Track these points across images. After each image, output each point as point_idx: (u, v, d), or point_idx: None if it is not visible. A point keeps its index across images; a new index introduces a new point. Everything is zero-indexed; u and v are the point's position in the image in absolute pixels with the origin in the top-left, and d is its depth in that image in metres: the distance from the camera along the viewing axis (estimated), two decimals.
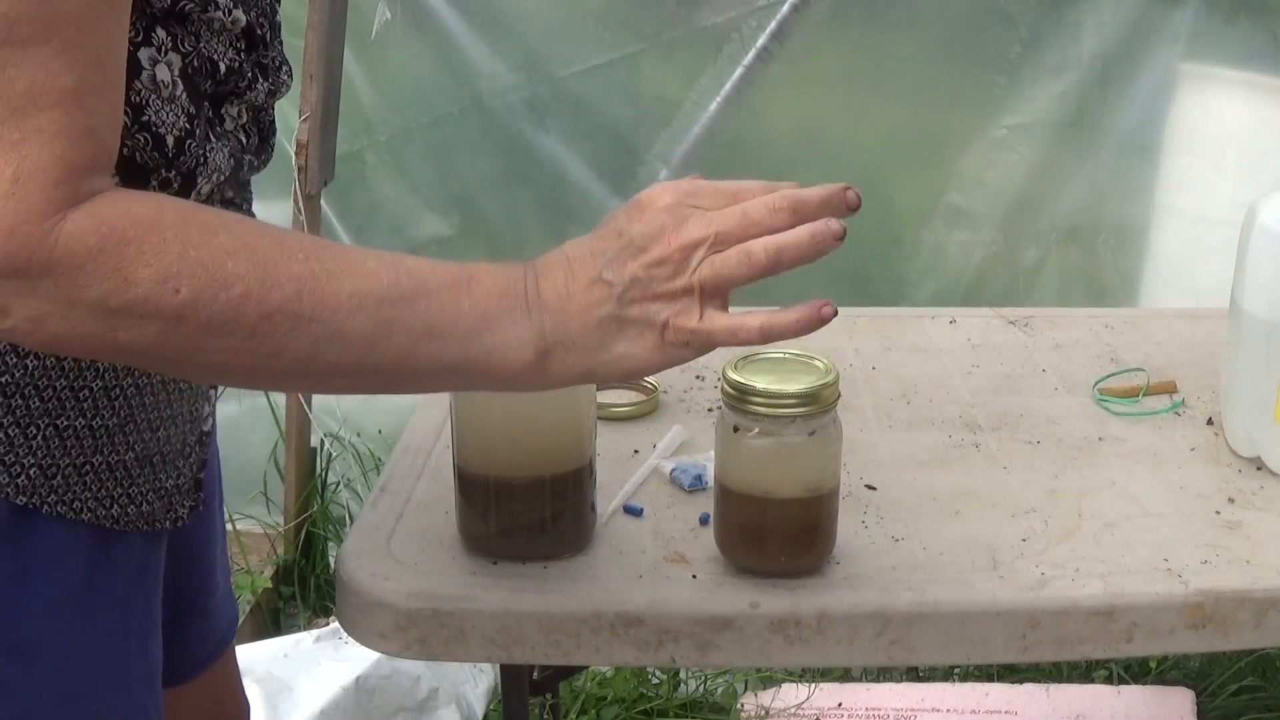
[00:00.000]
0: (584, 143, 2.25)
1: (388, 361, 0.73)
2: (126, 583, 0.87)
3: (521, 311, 0.75)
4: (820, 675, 2.10)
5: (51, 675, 0.82)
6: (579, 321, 0.75)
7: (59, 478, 0.80)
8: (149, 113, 0.77)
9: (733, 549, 0.93)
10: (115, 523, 0.84)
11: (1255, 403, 1.08)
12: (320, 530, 2.34)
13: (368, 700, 1.87)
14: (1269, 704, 2.01)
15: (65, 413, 0.80)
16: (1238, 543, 0.97)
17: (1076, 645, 0.90)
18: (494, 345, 0.75)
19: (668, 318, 0.76)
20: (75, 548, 0.82)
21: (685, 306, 0.76)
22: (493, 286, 0.75)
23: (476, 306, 0.74)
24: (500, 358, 0.75)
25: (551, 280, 0.76)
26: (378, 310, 0.72)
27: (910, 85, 2.27)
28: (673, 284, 0.75)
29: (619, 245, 0.76)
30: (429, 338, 0.73)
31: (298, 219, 2.23)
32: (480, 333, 0.74)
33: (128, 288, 0.67)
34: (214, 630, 1.12)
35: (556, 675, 1.35)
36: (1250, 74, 2.12)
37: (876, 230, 2.38)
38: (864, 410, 1.21)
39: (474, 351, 0.74)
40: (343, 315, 0.71)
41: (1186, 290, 2.16)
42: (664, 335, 0.76)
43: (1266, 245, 1.07)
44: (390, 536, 0.97)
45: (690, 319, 0.76)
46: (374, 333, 0.72)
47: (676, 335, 0.76)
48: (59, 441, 0.80)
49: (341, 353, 0.72)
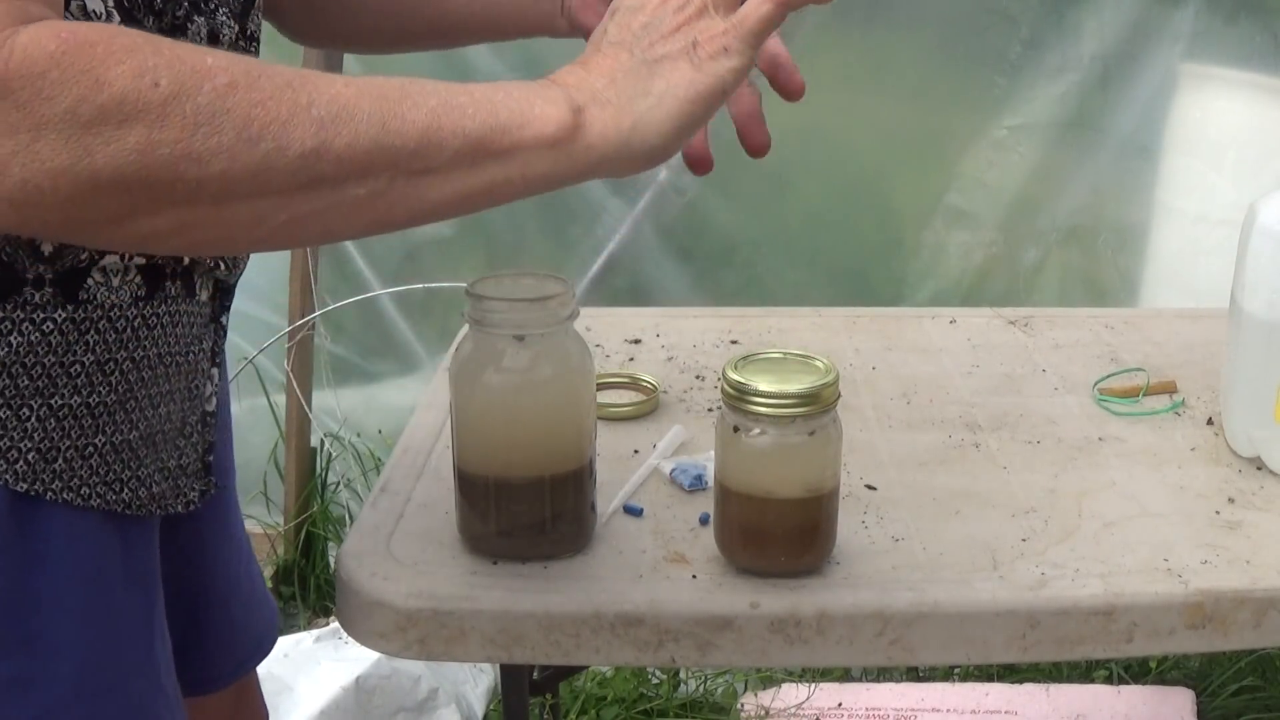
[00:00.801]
0: None
1: (409, 140, 0.67)
2: (145, 570, 0.86)
3: (544, 87, 0.72)
4: (820, 675, 2.10)
5: (75, 669, 0.80)
6: (606, 80, 0.73)
7: (60, 461, 0.79)
8: None
9: (733, 549, 0.93)
10: (127, 507, 0.82)
11: (1255, 403, 1.08)
12: (320, 530, 2.34)
13: (368, 700, 1.88)
14: (1269, 704, 2.01)
15: (58, 391, 0.78)
16: (1238, 543, 0.97)
17: (1076, 645, 0.90)
18: (523, 108, 0.70)
19: (694, 38, 0.73)
20: (87, 535, 0.81)
21: (706, 23, 0.74)
22: (518, 84, 0.72)
23: (494, 87, 0.71)
24: (534, 119, 0.70)
25: (568, 70, 0.75)
26: (382, 91, 0.67)
27: (911, 86, 2.27)
28: (684, 12, 0.74)
29: (617, 19, 0.75)
30: (449, 110, 0.68)
31: None
32: (506, 100, 0.70)
33: (100, 89, 0.60)
34: (243, 640, 1.10)
35: (556, 675, 1.36)
36: (1250, 74, 2.12)
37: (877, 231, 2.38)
38: (864, 410, 1.21)
39: (503, 116, 0.70)
40: (344, 99, 0.66)
41: (1186, 290, 2.16)
42: (698, 55, 0.73)
43: (1266, 245, 1.07)
44: (390, 536, 0.97)
45: (715, 27, 0.74)
46: (384, 110, 0.67)
47: (710, 47, 0.73)
48: (55, 422, 0.78)
49: (353, 135, 0.65)
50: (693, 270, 2.35)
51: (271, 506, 2.39)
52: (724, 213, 2.34)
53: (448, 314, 2.40)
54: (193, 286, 0.87)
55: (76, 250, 0.77)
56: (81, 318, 0.78)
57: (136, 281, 0.82)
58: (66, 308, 0.77)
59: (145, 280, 0.82)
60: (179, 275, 0.85)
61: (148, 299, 0.83)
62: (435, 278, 2.38)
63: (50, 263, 0.76)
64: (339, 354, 2.50)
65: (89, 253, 0.78)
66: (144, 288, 0.82)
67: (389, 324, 2.47)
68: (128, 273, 0.81)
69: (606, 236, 2.34)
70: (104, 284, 0.79)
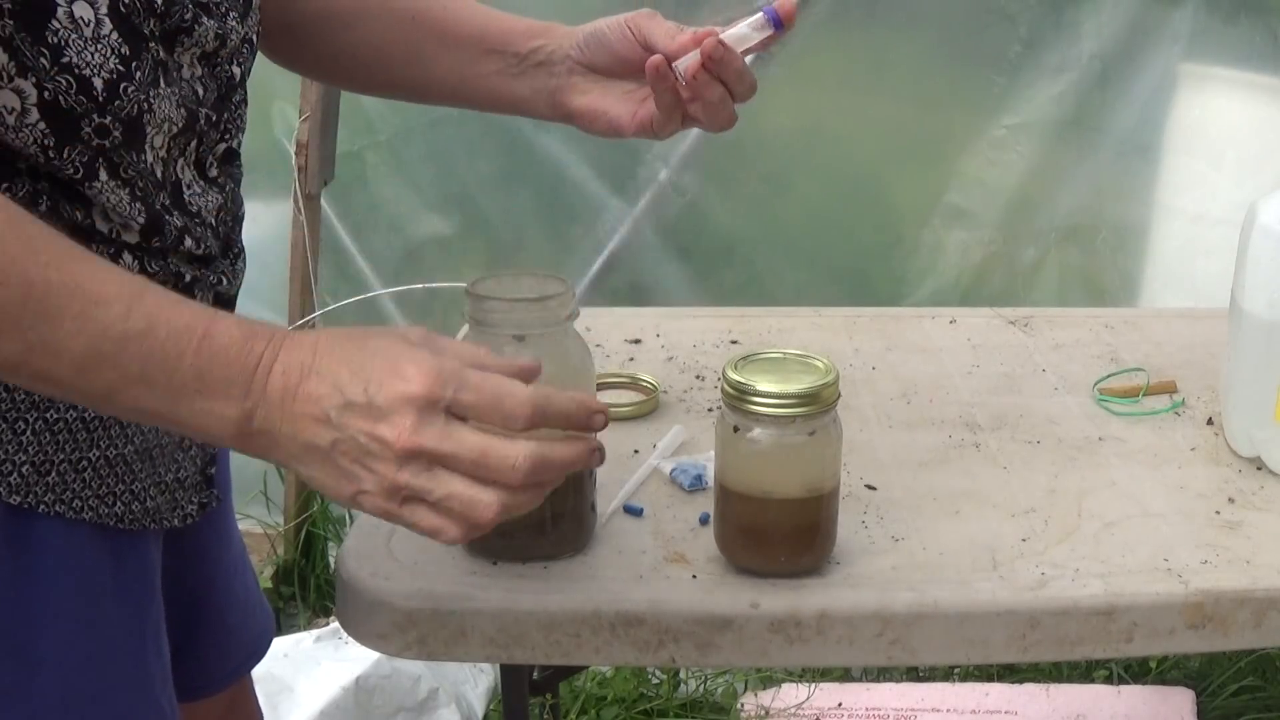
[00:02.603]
0: (584, 143, 2.25)
1: (96, 391, 0.70)
2: (139, 583, 0.86)
3: (240, 388, 0.71)
4: (820, 675, 2.10)
5: (62, 680, 0.80)
6: (289, 429, 0.72)
7: (54, 475, 0.79)
8: (69, 53, 0.74)
9: (733, 549, 0.93)
10: (120, 521, 0.83)
11: (1255, 403, 1.08)
12: (320, 530, 2.34)
13: (368, 700, 1.88)
14: (1269, 704, 2.01)
15: (53, 404, 0.78)
16: (1238, 543, 0.97)
17: (1076, 645, 0.90)
18: (199, 411, 0.71)
19: (367, 490, 0.72)
20: (80, 548, 0.81)
21: (387, 492, 0.72)
22: (228, 345, 0.71)
23: (197, 365, 0.70)
24: (202, 425, 0.72)
25: (287, 370, 0.72)
26: (98, 339, 0.69)
27: (910, 85, 2.27)
28: (383, 469, 0.71)
29: (361, 399, 0.71)
30: (139, 382, 0.70)
31: (298, 219, 2.23)
32: (191, 394, 0.71)
33: None
34: (238, 647, 1.10)
35: (556, 675, 1.36)
36: (1250, 74, 2.12)
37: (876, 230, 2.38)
38: (864, 410, 1.21)
39: (180, 411, 0.71)
40: (63, 334, 0.68)
41: (1186, 290, 2.16)
42: (357, 497, 0.73)
43: (1266, 245, 1.07)
44: (390, 536, 0.97)
45: (388, 504, 0.73)
46: (87, 360, 0.69)
47: (369, 504, 0.73)
48: (50, 436, 0.78)
49: (52, 367, 0.69)
50: (693, 270, 2.35)
51: (271, 506, 2.39)
52: (724, 213, 2.34)
53: (448, 314, 2.40)
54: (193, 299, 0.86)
55: None
56: None
57: None
58: None
59: None
60: (179, 289, 0.84)
61: None
62: (435, 278, 2.38)
63: None
64: None
65: None
66: None
67: (389, 324, 2.47)
68: None
69: (606, 236, 2.34)
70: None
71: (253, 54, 0.91)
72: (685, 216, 2.33)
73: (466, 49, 1.05)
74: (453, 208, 2.40)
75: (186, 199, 0.85)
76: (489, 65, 1.04)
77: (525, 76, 1.04)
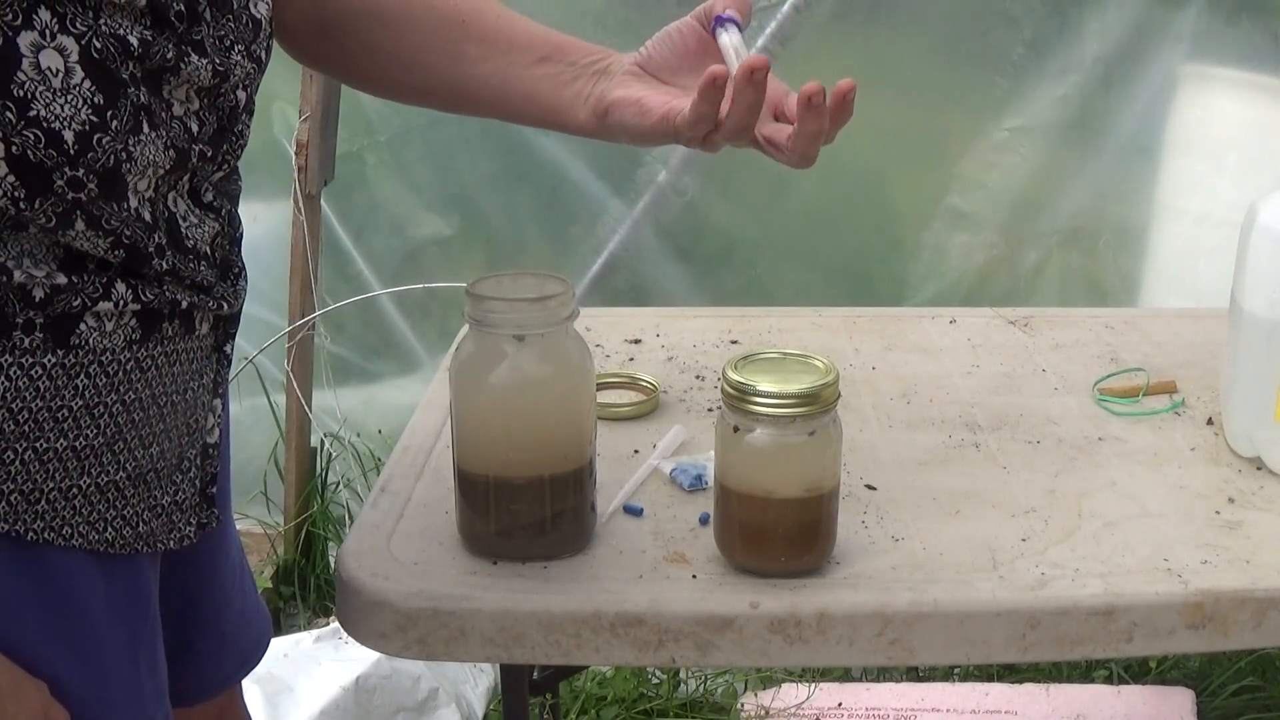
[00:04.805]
0: (584, 143, 2.25)
1: None
2: (132, 604, 0.85)
3: None
4: (820, 675, 2.10)
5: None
6: None
7: (43, 503, 0.77)
8: (37, 106, 0.70)
9: (733, 549, 0.93)
10: (110, 546, 0.81)
11: (1255, 403, 1.08)
12: (320, 530, 2.34)
13: (368, 700, 1.88)
14: (1269, 704, 2.01)
15: (44, 434, 0.76)
16: (1238, 543, 0.97)
17: (1076, 645, 0.90)
18: None
19: None
20: (69, 573, 0.79)
21: None
22: None
23: None
24: None
25: None
26: None
27: (912, 86, 2.27)
28: None
29: None
30: None
31: (298, 219, 2.23)
32: None
33: None
34: (232, 652, 1.09)
35: (556, 675, 1.36)
36: (1251, 74, 2.12)
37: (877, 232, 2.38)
38: (864, 410, 1.21)
39: None
40: None
41: (1187, 290, 2.16)
42: None
43: (1266, 245, 1.07)
44: (390, 536, 0.97)
45: None
46: None
47: None
48: (39, 465, 0.76)
49: None
50: (693, 270, 2.35)
51: (271, 506, 2.39)
52: (724, 213, 2.34)
53: (448, 314, 2.40)
54: (192, 323, 0.85)
55: (69, 296, 0.75)
56: (72, 363, 0.76)
57: (131, 325, 0.79)
58: (57, 353, 0.75)
59: (141, 324, 0.80)
60: (177, 315, 0.83)
61: (142, 342, 0.80)
62: (435, 278, 2.38)
63: (41, 308, 0.74)
64: (339, 354, 2.50)
65: (82, 298, 0.76)
66: (139, 331, 0.80)
67: (389, 324, 2.47)
68: (123, 317, 0.78)
69: (606, 236, 2.34)
70: (97, 329, 0.77)
71: (261, 72, 0.88)
72: (685, 217, 2.33)
73: (518, 54, 1.02)
74: (452, 208, 2.41)
75: (183, 231, 0.83)
76: (540, 70, 1.02)
77: (576, 83, 1.01)
